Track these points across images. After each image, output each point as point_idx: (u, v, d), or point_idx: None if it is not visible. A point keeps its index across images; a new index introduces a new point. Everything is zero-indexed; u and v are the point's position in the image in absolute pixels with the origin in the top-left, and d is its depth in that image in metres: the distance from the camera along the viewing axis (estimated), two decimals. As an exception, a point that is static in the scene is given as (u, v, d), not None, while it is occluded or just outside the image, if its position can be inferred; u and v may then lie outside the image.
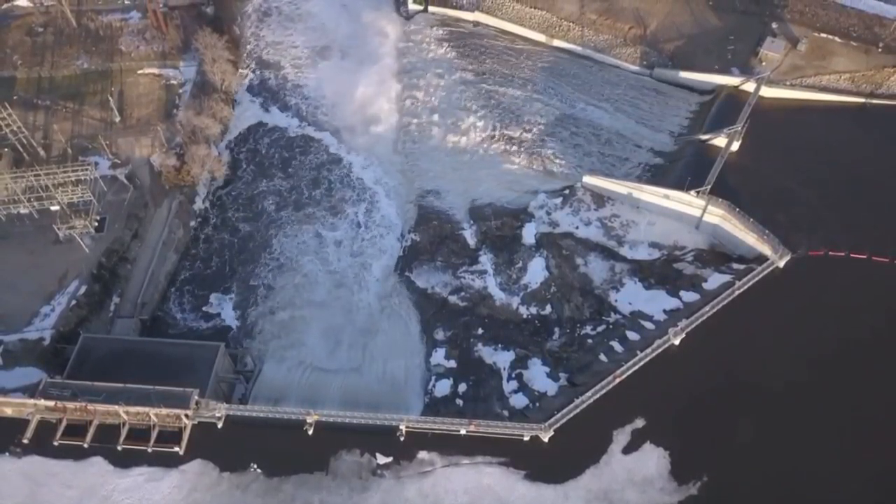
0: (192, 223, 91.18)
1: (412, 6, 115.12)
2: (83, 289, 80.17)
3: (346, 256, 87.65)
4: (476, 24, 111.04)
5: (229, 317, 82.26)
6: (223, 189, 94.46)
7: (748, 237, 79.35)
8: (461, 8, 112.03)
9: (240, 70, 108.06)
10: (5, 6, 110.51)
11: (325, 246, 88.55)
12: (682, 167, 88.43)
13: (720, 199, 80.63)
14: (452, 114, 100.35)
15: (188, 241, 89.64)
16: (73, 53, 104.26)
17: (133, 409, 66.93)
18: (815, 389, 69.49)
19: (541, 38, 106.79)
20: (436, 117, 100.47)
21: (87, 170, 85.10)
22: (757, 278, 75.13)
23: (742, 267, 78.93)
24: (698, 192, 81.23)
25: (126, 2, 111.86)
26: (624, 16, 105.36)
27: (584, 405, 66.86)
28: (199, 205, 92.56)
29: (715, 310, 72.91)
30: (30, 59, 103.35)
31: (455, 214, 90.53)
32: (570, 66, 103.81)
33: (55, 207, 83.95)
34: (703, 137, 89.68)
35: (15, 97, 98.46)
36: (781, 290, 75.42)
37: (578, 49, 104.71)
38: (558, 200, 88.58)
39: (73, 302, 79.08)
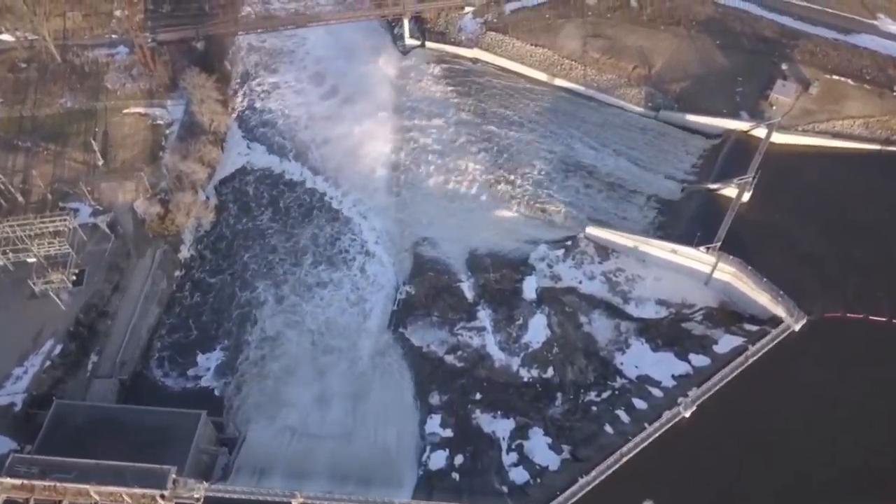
0: (177, 273, 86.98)
1: (409, 41, 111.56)
2: (59, 348, 76.02)
3: (337, 310, 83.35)
4: (475, 61, 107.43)
5: (213, 377, 77.86)
6: (209, 236, 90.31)
7: (761, 297, 75.33)
8: (459, 44, 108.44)
9: (230, 108, 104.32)
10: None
11: (315, 299, 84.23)
12: (690, 218, 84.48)
13: (731, 257, 76.62)
14: (449, 156, 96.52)
15: (172, 293, 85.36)
16: (56, 91, 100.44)
17: (105, 490, 62.51)
18: (839, 466, 65.26)
19: (542, 76, 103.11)
20: (432, 159, 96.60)
21: (65, 220, 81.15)
22: (771, 344, 70.98)
23: (755, 329, 74.87)
24: (708, 249, 77.26)
25: (113, 36, 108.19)
26: (628, 55, 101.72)
27: (589, 487, 62.51)
28: (184, 253, 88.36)
29: (727, 379, 68.71)
30: (11, 97, 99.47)
31: (452, 265, 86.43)
32: (572, 106, 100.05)
33: (31, 259, 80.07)
34: (712, 187, 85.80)
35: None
36: (797, 356, 71.32)
37: (581, 89, 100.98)
38: (560, 252, 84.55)
39: (48, 363, 74.95)
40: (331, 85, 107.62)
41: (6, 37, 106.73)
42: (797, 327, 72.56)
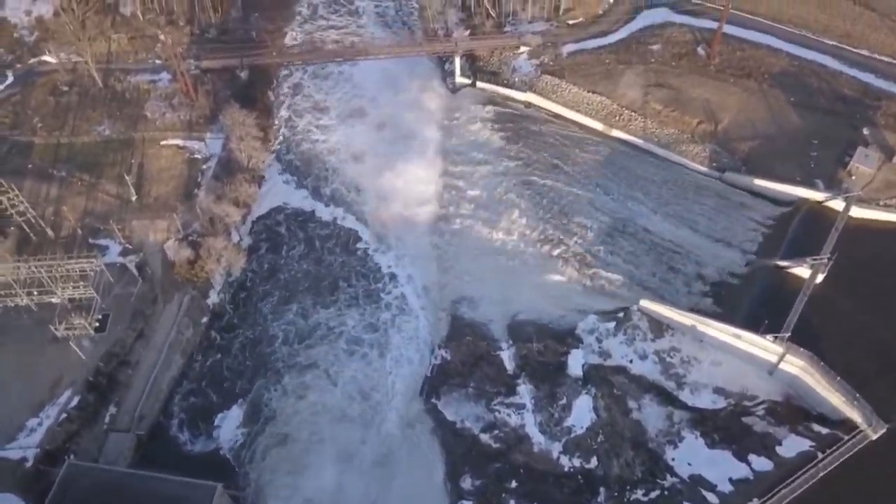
0: (204, 319, 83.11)
1: (459, 80, 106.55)
2: (76, 399, 72.57)
3: (367, 371, 78.44)
4: (528, 105, 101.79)
5: (232, 440, 73.54)
6: (239, 282, 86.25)
7: (833, 397, 68.04)
8: (512, 86, 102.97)
9: (270, 141, 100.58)
10: (32, 61, 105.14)
11: (343, 356, 79.50)
12: (756, 298, 77.45)
13: (801, 350, 69.45)
14: (495, 208, 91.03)
15: (197, 342, 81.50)
16: (95, 117, 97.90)
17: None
18: None
19: (598, 126, 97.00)
20: (477, 210, 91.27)
21: (92, 261, 77.87)
22: (845, 455, 63.72)
23: (825, 431, 67.63)
24: (776, 338, 70.26)
25: (157, 61, 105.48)
26: (692, 108, 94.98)
27: None
28: (213, 298, 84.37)
29: (795, 494, 61.70)
30: (51, 122, 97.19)
31: (492, 330, 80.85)
32: (629, 161, 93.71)
33: (56, 300, 77.10)
34: (781, 264, 78.62)
35: (30, 165, 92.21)
36: (875, 470, 63.88)
37: (639, 142, 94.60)
38: (611, 325, 78.27)
39: (64, 415, 71.49)
40: (375, 122, 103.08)
41: (50, 58, 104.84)
42: (875, 436, 65.11)
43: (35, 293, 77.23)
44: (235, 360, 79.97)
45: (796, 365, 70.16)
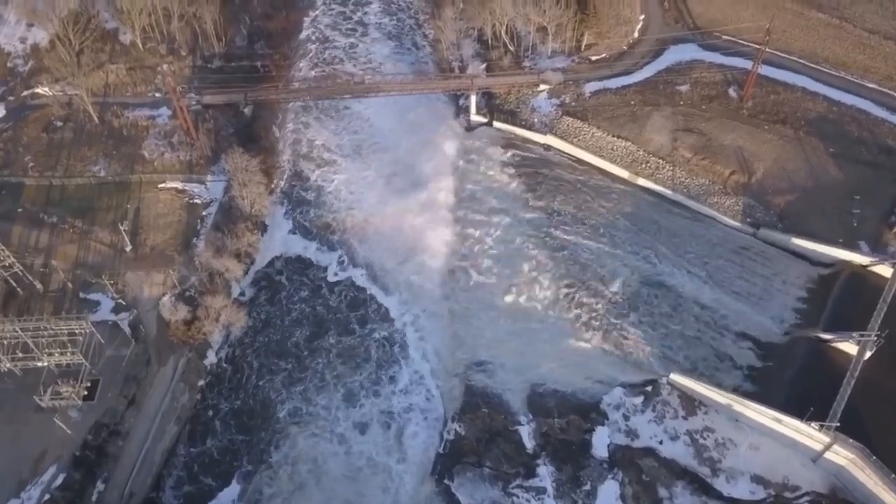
0: (201, 382, 77.69)
1: (475, 118, 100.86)
2: (61, 478, 67.09)
3: (374, 448, 72.83)
4: (547, 148, 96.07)
5: (229, 524, 68.25)
6: (240, 337, 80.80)
7: (885, 495, 62.16)
8: (531, 127, 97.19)
9: (274, 183, 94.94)
10: (26, 93, 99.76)
11: (351, 430, 73.91)
12: (796, 374, 71.63)
13: (850, 441, 63.61)
14: (513, 262, 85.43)
15: (193, 407, 76.09)
16: (90, 156, 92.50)
17: None
18: None
19: (623, 174, 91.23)
20: (493, 264, 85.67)
21: (81, 323, 72.37)
22: (901, 566, 58.05)
23: (876, 532, 61.93)
24: (822, 427, 64.43)
25: (157, 95, 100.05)
26: (724, 156, 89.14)
27: None
28: (210, 358, 78.99)
29: None
30: (43, 161, 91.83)
31: (510, 401, 75.20)
32: (656, 213, 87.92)
33: (42, 363, 71.74)
34: (824, 337, 72.76)
35: (20, 209, 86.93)
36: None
37: (668, 193, 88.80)
38: (638, 400, 72.57)
39: (47, 496, 66.08)
40: (385, 162, 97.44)
41: (44, 90, 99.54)
42: (933, 543, 59.44)
43: (20, 355, 71.91)
44: (234, 430, 74.50)
45: (844, 456, 64.37)
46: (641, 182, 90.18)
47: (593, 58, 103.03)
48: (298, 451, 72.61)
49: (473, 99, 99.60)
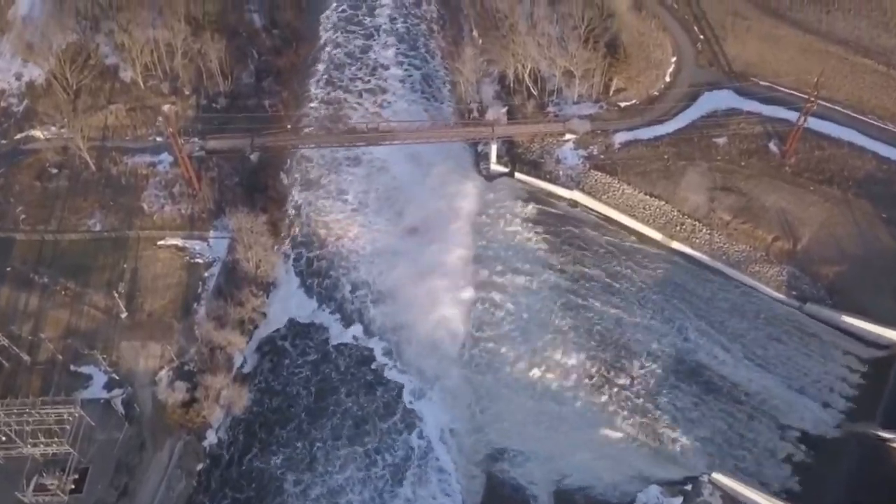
0: (200, 466, 71.65)
1: (494, 167, 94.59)
2: (43, 585, 61.48)
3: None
4: (574, 204, 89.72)
5: None
6: (241, 416, 74.76)
7: None
8: (556, 180, 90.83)
9: (281, 235, 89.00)
10: (19, 136, 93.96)
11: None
12: (850, 476, 65.24)
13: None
14: (536, 333, 79.15)
15: (189, 496, 70.01)
16: (86, 208, 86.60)
17: None
18: None
19: (656, 236, 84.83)
20: (515, 334, 79.42)
21: (70, 408, 66.39)
22: None
23: None
24: (887, 549, 58.17)
25: (158, 139, 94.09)
26: (766, 220, 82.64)
27: None
28: (210, 439, 72.92)
29: None
30: (35, 213, 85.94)
31: (536, 496, 68.96)
32: (692, 280, 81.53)
33: (27, 452, 65.85)
34: (882, 435, 66.23)
35: (9, 268, 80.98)
36: None
37: (705, 258, 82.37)
38: (677, 501, 66.21)
39: None
40: (399, 215, 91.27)
41: (39, 132, 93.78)
42: None
43: (2, 440, 66.08)
44: (233, 522, 68.65)
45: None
46: (676, 245, 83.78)
47: (623, 104, 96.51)
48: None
49: (494, 148, 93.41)
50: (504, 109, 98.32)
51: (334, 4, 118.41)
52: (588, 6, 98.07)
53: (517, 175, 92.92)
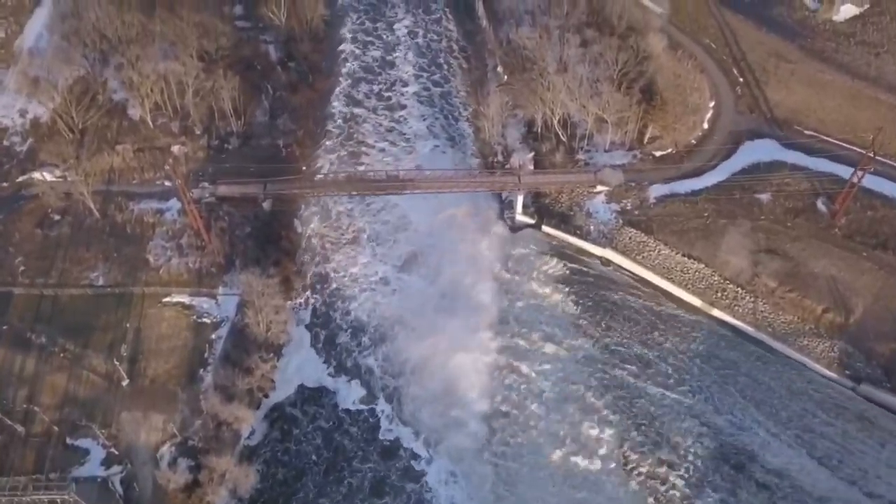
0: (202, 552, 66.73)
1: (520, 217, 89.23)
2: None
3: None
4: (606, 262, 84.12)
5: None
6: (246, 496, 69.46)
7: None
8: (587, 236, 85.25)
9: (294, 291, 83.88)
10: (21, 178, 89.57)
11: None
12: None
13: None
14: (564, 408, 73.43)
15: (191, 588, 65.16)
16: (89, 260, 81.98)
17: None
18: None
19: (696, 302, 79.07)
20: (541, 410, 73.71)
21: (64, 495, 61.69)
22: None
23: None
24: None
25: (167, 183, 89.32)
26: (815, 288, 76.62)
27: None
28: (213, 521, 68.05)
29: None
30: (35, 265, 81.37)
31: None
32: (735, 353, 75.64)
33: (16, 538, 61.12)
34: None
35: (5, 326, 76.40)
36: None
37: (748, 329, 76.49)
38: None
39: None
40: (419, 270, 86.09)
41: (42, 175, 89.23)
42: None
43: (-10, 526, 61.58)
44: None
45: None
46: (717, 314, 77.96)
47: (657, 153, 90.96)
48: None
49: (520, 199, 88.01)
50: (530, 154, 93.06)
51: (351, 36, 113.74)
52: (622, 49, 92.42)
53: (545, 228, 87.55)
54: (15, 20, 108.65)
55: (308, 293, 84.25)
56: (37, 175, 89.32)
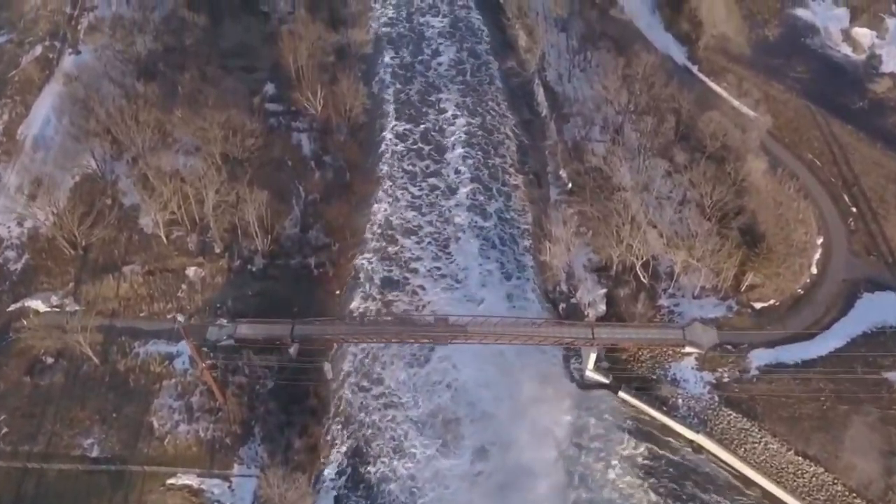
0: None
1: (590, 374, 75.27)
2: None
3: None
4: (698, 449, 69.68)
5: None
6: None
7: None
8: (674, 411, 70.82)
9: (321, 461, 70.79)
10: (13, 307, 77.33)
11: None
12: None
13: None
14: None
15: None
16: (83, 421, 69.38)
17: None
18: None
19: (810, 515, 64.64)
20: None
21: None
22: None
23: None
24: None
25: (179, 317, 76.65)
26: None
27: None
28: None
29: None
30: (20, 426, 68.86)
31: None
32: None
33: None
34: None
35: (-22, 512, 64.46)
36: None
37: (881, 563, 61.96)
38: None
39: None
40: (468, 442, 72.37)
41: (36, 304, 77.18)
42: None
43: None
44: None
45: None
46: (841, 536, 63.45)
47: (757, 304, 76.43)
48: None
49: (593, 356, 74.09)
50: (602, 291, 79.22)
51: (393, 123, 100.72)
52: (719, 181, 77.89)
53: (621, 394, 73.41)
54: (21, 100, 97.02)
55: (338, 465, 70.71)
56: (31, 303, 77.30)
